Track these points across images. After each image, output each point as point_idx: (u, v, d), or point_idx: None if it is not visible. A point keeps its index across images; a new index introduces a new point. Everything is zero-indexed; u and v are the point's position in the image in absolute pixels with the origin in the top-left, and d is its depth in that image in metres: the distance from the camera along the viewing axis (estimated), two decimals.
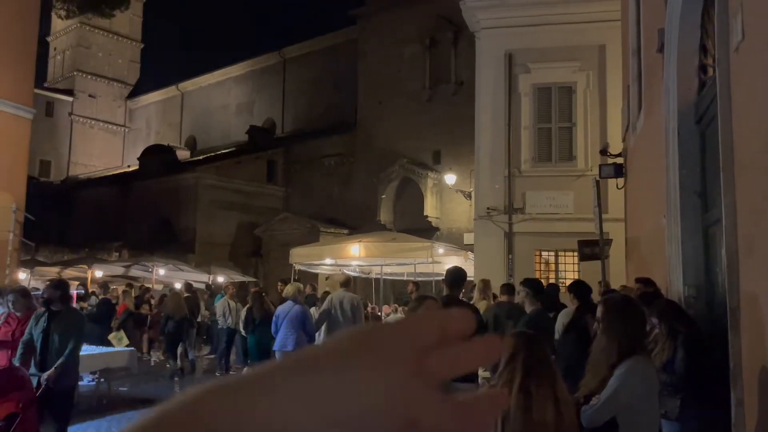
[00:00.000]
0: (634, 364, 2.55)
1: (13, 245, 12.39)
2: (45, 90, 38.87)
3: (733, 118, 3.42)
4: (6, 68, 12.37)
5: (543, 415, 2.14)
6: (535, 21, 13.42)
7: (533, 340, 2.35)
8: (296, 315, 8.08)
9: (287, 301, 8.36)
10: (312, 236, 21.77)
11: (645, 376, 2.57)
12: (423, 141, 23.04)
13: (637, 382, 2.54)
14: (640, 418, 2.53)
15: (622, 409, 2.52)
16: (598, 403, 2.51)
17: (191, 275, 18.60)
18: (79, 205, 30.13)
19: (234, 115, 37.41)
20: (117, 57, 45.17)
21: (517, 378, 2.21)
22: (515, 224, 13.37)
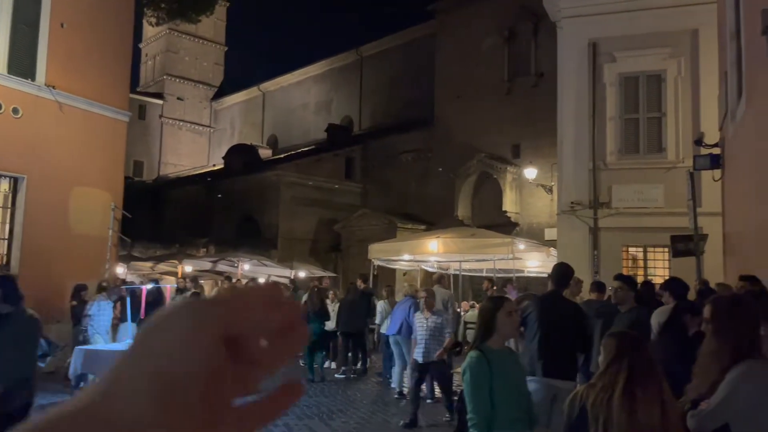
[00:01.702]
0: (749, 369, 2.38)
1: (112, 241, 13.18)
2: (138, 94, 41.05)
3: None
4: (105, 75, 13.16)
5: (649, 418, 2.06)
6: (621, 7, 12.88)
7: (638, 343, 2.26)
8: (405, 308, 9.61)
9: (405, 297, 10.18)
10: (390, 232, 21.88)
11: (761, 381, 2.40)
12: (502, 135, 22.63)
13: (753, 389, 2.37)
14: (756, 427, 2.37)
15: (736, 417, 2.36)
16: (707, 408, 2.37)
17: (274, 270, 19.15)
18: (169, 203, 31.64)
19: (313, 114, 38.16)
20: (203, 60, 47.10)
21: (621, 380, 2.13)
22: (601, 219, 12.90)
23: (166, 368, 0.31)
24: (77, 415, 0.31)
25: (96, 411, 0.31)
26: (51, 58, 12.19)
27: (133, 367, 0.32)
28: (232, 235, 25.69)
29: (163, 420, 0.30)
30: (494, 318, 3.16)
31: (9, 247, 11.83)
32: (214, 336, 0.32)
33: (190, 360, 0.31)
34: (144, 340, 0.33)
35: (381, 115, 33.04)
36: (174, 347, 0.32)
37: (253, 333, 0.34)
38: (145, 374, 0.31)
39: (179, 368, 0.31)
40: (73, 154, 12.44)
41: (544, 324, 4.65)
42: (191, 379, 0.31)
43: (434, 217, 23.51)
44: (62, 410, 0.32)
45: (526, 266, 15.01)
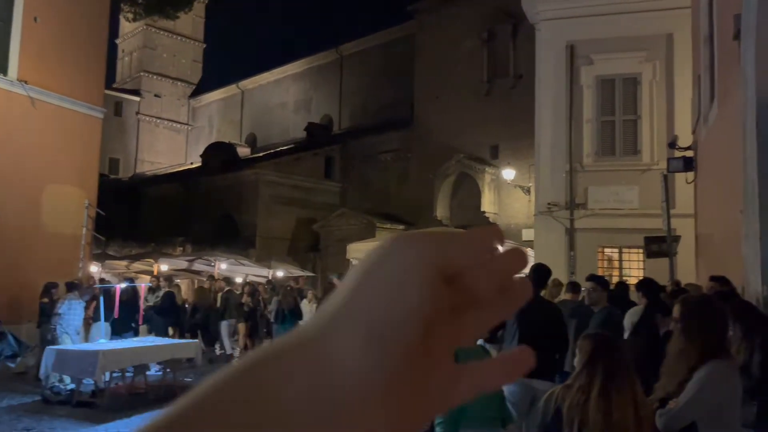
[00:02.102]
0: (716, 368, 2.42)
1: (86, 239, 12.98)
2: (114, 90, 40.49)
3: None
4: (79, 71, 12.95)
5: (623, 419, 2.08)
6: (598, 11, 13.02)
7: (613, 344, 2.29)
8: None
9: None
10: (369, 232, 21.87)
11: (728, 381, 2.44)
12: (480, 136, 22.74)
13: (720, 388, 2.41)
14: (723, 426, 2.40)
15: (704, 416, 2.39)
16: (676, 407, 2.40)
17: (252, 269, 19.00)
18: (145, 201, 31.25)
19: (292, 113, 37.99)
20: (181, 57, 46.62)
21: (597, 382, 2.14)
22: (577, 220, 13.03)
23: (382, 308, 0.28)
24: (297, 350, 0.29)
25: (313, 348, 0.29)
26: (23, 53, 11.97)
27: (349, 306, 0.29)
28: (209, 234, 25.45)
29: (379, 363, 0.28)
30: None
31: None
32: (433, 271, 0.29)
33: (407, 298, 0.28)
34: (359, 276, 0.30)
35: (361, 115, 33.01)
36: (390, 284, 0.29)
37: (475, 274, 0.30)
38: (361, 313, 0.29)
39: (396, 307, 0.28)
40: (46, 150, 12.22)
41: (523, 325, 4.66)
42: (409, 320, 0.28)
43: (413, 217, 23.55)
44: (284, 343, 0.30)
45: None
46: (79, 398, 8.53)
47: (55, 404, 8.48)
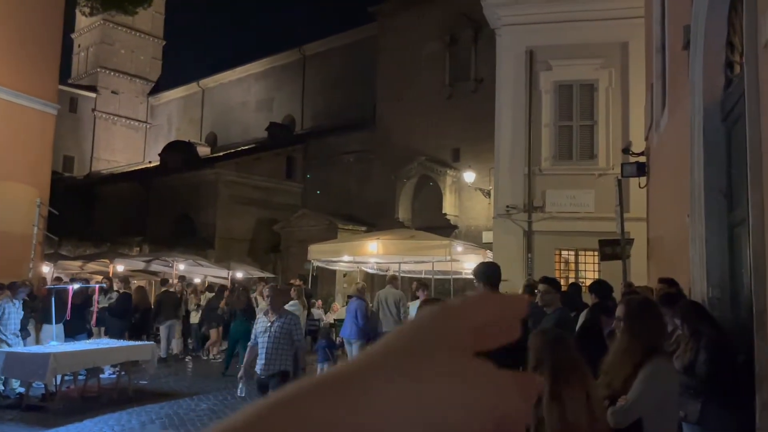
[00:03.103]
0: (659, 365, 2.51)
1: (37, 239, 12.60)
2: (69, 86, 39.39)
3: (762, 115, 3.35)
4: (31, 65, 12.57)
5: (577, 418, 2.09)
6: (557, 18, 13.29)
7: (557, 341, 2.30)
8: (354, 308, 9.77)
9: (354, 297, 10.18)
10: (330, 233, 21.81)
11: (668, 378, 2.53)
12: (442, 138, 22.94)
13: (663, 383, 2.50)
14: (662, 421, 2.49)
15: (647, 412, 2.48)
16: (626, 404, 2.47)
17: (211, 270, 18.75)
18: (101, 200, 30.51)
19: (254, 112, 37.62)
20: (139, 54, 45.66)
21: (546, 384, 2.14)
22: (535, 223, 13.27)
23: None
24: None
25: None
26: None
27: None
28: (167, 234, 25.01)
29: None
30: None
31: None
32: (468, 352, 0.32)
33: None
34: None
35: (323, 115, 32.92)
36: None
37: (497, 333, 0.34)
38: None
39: None
40: None
41: None
42: None
43: (375, 218, 23.59)
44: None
45: (463, 268, 15.24)
46: (28, 402, 8.28)
47: (4, 408, 8.22)
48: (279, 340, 5.92)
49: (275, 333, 5.90)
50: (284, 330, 5.93)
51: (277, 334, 5.91)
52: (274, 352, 5.89)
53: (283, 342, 5.92)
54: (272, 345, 5.89)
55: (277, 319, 5.98)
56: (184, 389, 9.96)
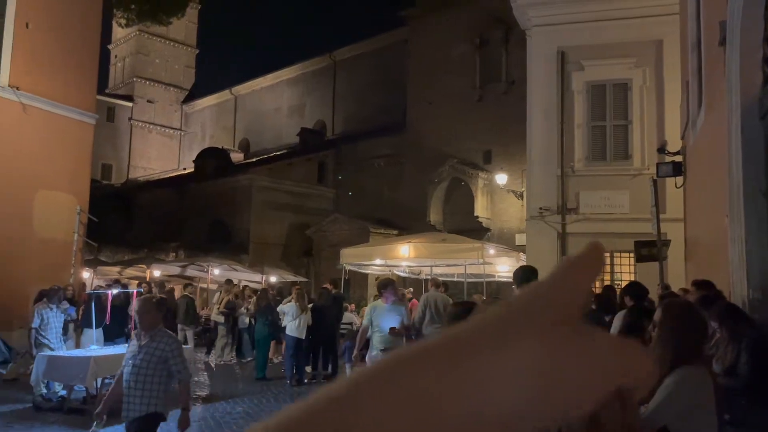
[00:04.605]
0: (685, 374, 2.44)
1: (78, 245, 12.93)
2: (106, 96, 40.40)
3: None
4: (71, 76, 12.95)
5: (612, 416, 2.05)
6: (589, 17, 13.12)
7: None
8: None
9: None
10: (362, 237, 21.88)
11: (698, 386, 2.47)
12: (473, 141, 22.84)
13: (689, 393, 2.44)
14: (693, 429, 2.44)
15: (673, 420, 2.43)
16: (646, 412, 2.43)
17: (245, 275, 18.99)
18: (138, 207, 31.17)
19: (286, 118, 38.00)
20: (174, 63, 46.58)
21: None
22: (568, 224, 13.10)
23: None
24: None
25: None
26: (15, 58, 11.96)
27: None
28: (202, 239, 25.41)
29: None
30: None
31: None
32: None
33: None
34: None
35: (354, 120, 33.07)
36: None
37: None
38: None
39: None
40: (37, 156, 12.20)
41: None
42: None
43: (406, 222, 23.57)
44: None
45: (496, 271, 15.15)
46: (70, 405, 8.49)
47: (47, 411, 8.44)
48: (145, 372, 4.44)
49: (140, 363, 4.45)
50: (154, 359, 4.45)
51: (143, 365, 4.45)
52: (135, 388, 4.45)
53: (151, 375, 4.44)
54: (134, 378, 4.45)
55: (147, 343, 4.51)
56: (219, 393, 10.10)
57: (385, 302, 6.97)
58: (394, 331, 6.82)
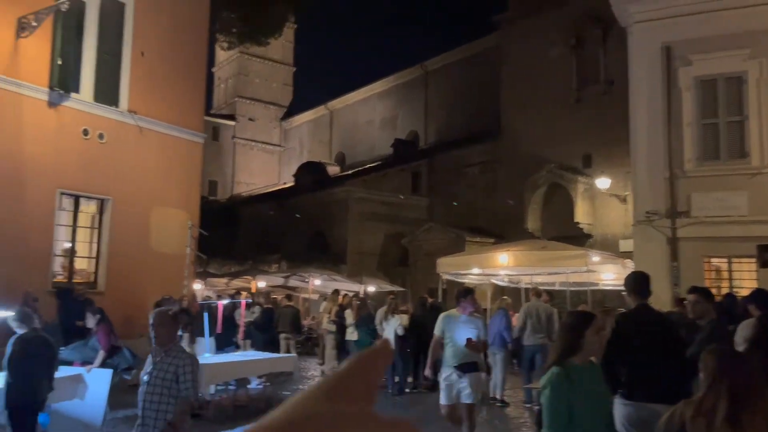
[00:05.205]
0: None
1: (190, 258, 13.70)
2: (212, 116, 42.72)
3: None
4: (182, 100, 13.80)
5: None
6: (696, 9, 12.40)
7: (740, 361, 2.07)
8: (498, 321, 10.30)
9: (499, 310, 10.70)
10: (457, 246, 21.71)
11: None
12: (571, 145, 22.13)
13: None
14: None
15: None
16: None
17: (344, 285, 19.36)
18: (242, 221, 32.63)
19: (379, 130, 38.56)
20: (272, 82, 48.57)
21: (722, 405, 1.94)
22: (679, 229, 12.36)
23: None
24: None
25: None
26: (132, 85, 12.90)
27: None
28: (302, 250, 26.19)
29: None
30: (581, 336, 3.01)
31: (96, 266, 12.51)
32: None
33: None
34: None
35: (447, 129, 33.02)
36: None
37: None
38: None
39: None
40: (154, 175, 13.07)
41: (641, 342, 4.23)
42: None
43: (503, 229, 23.17)
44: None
45: (601, 279, 14.56)
46: None
47: None
48: (160, 390, 4.21)
49: (154, 381, 4.23)
50: (168, 375, 4.20)
51: (157, 383, 4.21)
52: (150, 408, 4.21)
53: (166, 394, 4.20)
54: (148, 398, 4.23)
55: (162, 359, 4.27)
56: None
57: (461, 313, 6.27)
58: (471, 344, 6.02)
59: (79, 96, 12.12)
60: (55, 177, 11.58)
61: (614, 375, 4.04)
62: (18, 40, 11.07)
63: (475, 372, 6.02)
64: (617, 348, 4.07)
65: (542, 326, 10.03)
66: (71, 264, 12.28)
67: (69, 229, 12.28)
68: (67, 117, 11.82)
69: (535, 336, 10.05)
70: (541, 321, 10.07)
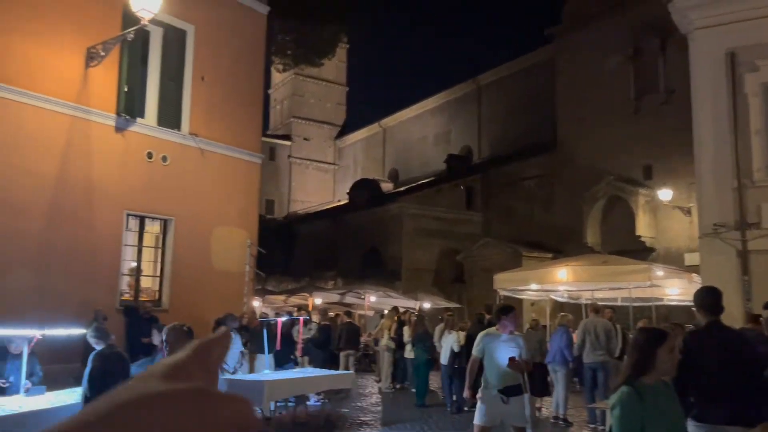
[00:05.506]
0: None
1: (249, 276, 13.98)
2: (268, 137, 43.73)
3: None
4: (241, 122, 14.21)
5: None
6: (761, 13, 11.92)
7: None
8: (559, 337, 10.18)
9: (559, 327, 10.47)
10: (514, 261, 21.39)
11: None
12: (631, 156, 21.55)
13: None
14: None
15: None
16: None
17: (399, 301, 19.33)
18: (299, 238, 33.13)
19: (432, 146, 38.58)
20: (326, 101, 49.42)
21: None
22: (750, 241, 11.80)
23: None
24: None
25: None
26: (194, 109, 13.36)
27: None
28: (357, 267, 26.34)
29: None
30: (653, 353, 2.92)
31: (160, 284, 12.92)
32: None
33: None
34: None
35: (500, 143, 32.74)
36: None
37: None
38: None
39: None
40: (214, 195, 13.45)
41: (714, 361, 4.06)
42: None
43: (561, 244, 22.71)
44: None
45: (665, 294, 14.06)
46: None
47: None
48: None
49: None
50: None
51: None
52: None
53: None
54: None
55: None
56: (381, 418, 10.28)
57: (502, 331, 5.80)
58: (513, 363, 5.59)
59: (144, 120, 12.63)
60: (122, 199, 12.07)
61: (686, 396, 3.87)
62: (87, 70, 11.65)
63: (520, 395, 5.67)
64: (688, 367, 3.89)
65: (601, 343, 9.80)
66: (137, 282, 12.73)
67: (135, 248, 12.74)
68: (132, 141, 12.33)
69: (595, 353, 9.79)
70: (600, 338, 9.83)
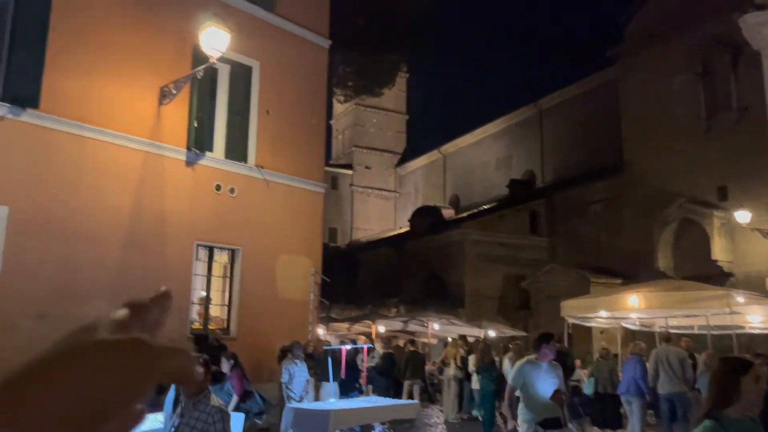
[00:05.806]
0: None
1: (313, 304, 14.14)
2: (330, 167, 44.60)
3: None
4: (304, 153, 14.56)
5: None
6: None
7: None
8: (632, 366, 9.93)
9: (632, 355, 10.19)
10: (581, 287, 20.77)
11: None
12: (703, 177, 20.69)
13: None
14: None
15: None
16: None
17: (464, 329, 19.07)
18: (361, 266, 33.34)
19: (494, 171, 38.28)
20: (386, 130, 50.06)
21: None
22: None
23: None
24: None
25: None
26: (259, 141, 13.78)
27: None
28: (419, 294, 26.21)
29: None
30: (737, 384, 2.76)
31: (228, 312, 13.24)
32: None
33: None
34: None
35: (564, 167, 32.14)
36: None
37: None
38: None
39: None
40: (279, 225, 13.75)
41: None
42: None
43: (630, 269, 21.89)
44: None
45: (746, 321, 13.32)
46: None
47: None
48: None
49: None
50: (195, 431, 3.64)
51: None
52: None
53: None
54: None
55: (189, 412, 3.70)
56: None
57: (542, 360, 5.46)
58: (558, 396, 5.29)
59: (213, 154, 13.12)
60: (192, 230, 12.51)
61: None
62: (160, 107, 12.25)
63: (560, 428, 5.38)
64: None
65: (676, 373, 9.34)
66: (206, 311, 13.09)
67: (204, 278, 13.14)
68: (202, 174, 12.81)
69: (671, 383, 9.34)
70: (674, 367, 9.36)
